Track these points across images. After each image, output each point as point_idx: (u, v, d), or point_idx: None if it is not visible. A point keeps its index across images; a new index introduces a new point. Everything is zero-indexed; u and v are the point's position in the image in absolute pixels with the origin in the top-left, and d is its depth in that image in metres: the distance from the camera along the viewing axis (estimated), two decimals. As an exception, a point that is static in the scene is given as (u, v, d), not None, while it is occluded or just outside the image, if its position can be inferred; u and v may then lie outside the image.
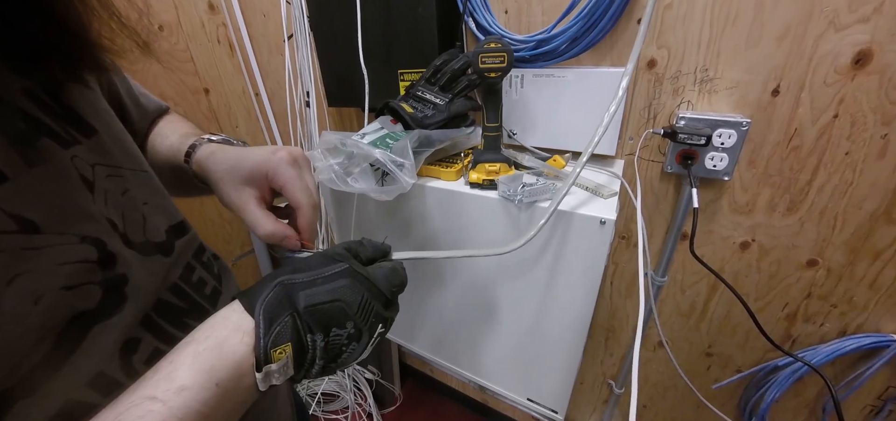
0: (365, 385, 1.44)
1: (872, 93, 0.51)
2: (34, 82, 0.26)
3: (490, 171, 0.58)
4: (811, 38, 0.51)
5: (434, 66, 0.62)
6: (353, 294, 0.29)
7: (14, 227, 0.21)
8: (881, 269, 0.60)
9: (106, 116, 0.31)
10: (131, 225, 0.30)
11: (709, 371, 0.85)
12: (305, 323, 0.27)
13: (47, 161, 0.24)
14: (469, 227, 0.62)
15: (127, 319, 0.27)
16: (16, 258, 0.21)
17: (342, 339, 0.29)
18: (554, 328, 0.66)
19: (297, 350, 0.27)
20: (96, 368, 0.25)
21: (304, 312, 0.27)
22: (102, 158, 0.29)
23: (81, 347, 0.24)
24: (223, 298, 0.39)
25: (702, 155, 0.61)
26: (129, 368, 0.27)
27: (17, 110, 0.24)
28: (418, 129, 0.59)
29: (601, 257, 0.53)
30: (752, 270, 0.70)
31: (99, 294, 0.25)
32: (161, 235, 0.33)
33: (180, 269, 0.34)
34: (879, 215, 0.57)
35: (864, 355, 0.67)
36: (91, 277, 0.25)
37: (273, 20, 0.97)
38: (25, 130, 0.24)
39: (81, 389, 0.24)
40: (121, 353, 0.27)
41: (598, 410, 1.13)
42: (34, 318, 0.21)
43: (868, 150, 0.54)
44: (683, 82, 0.60)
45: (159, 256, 0.32)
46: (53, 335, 0.22)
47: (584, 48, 0.61)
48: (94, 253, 0.25)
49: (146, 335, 0.29)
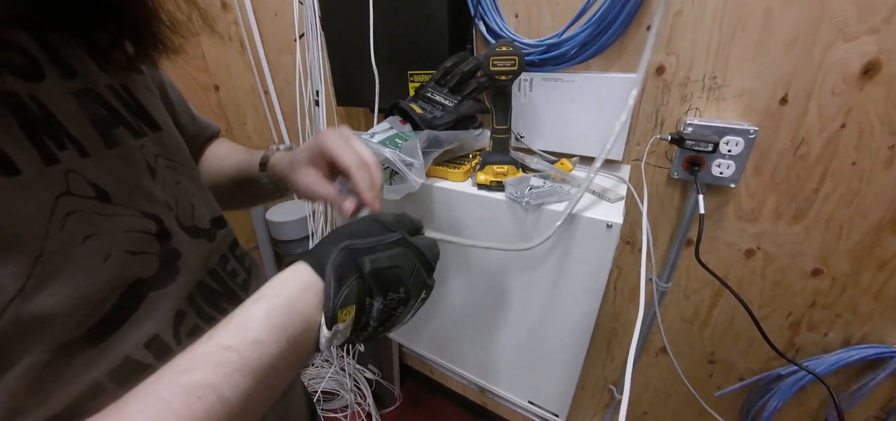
0: (365, 385, 1.44)
1: (880, 103, 0.52)
2: (115, 80, 0.31)
3: (498, 173, 0.58)
4: (820, 46, 0.52)
5: (444, 68, 0.63)
6: (408, 261, 0.32)
7: (92, 193, 0.25)
8: (886, 279, 0.60)
9: (167, 119, 0.36)
10: (183, 210, 0.34)
11: (711, 378, 0.85)
12: (367, 286, 0.29)
13: (121, 145, 0.29)
14: (476, 227, 0.63)
15: (179, 290, 0.30)
16: (91, 220, 0.25)
17: (394, 303, 0.31)
18: (557, 331, 0.66)
19: (358, 312, 0.29)
20: (152, 332, 0.28)
21: (369, 276, 0.29)
22: (163, 151, 0.33)
23: (140, 310, 0.27)
24: (252, 287, 0.41)
25: (709, 162, 0.61)
26: (178, 336, 0.30)
27: (102, 101, 0.29)
28: (427, 129, 0.59)
29: (607, 261, 0.54)
30: (757, 278, 0.70)
31: (156, 264, 0.28)
32: (206, 223, 0.36)
33: (218, 257, 0.37)
34: (885, 225, 0.57)
35: (867, 366, 0.67)
36: (150, 247, 0.28)
37: (284, 19, 0.98)
38: (107, 118, 0.29)
39: (139, 350, 0.26)
40: (173, 321, 0.29)
41: (598, 415, 1.12)
42: (103, 274, 0.24)
43: (875, 160, 0.54)
44: (691, 89, 0.61)
45: (204, 240, 0.35)
46: (117, 294, 0.25)
47: (594, 53, 0.62)
48: (153, 226, 0.29)
49: (190, 310, 0.31)
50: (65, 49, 0.27)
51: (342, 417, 1.41)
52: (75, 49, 0.28)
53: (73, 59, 0.27)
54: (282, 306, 0.26)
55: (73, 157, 0.25)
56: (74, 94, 0.27)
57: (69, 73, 0.27)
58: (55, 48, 0.26)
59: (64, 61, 0.26)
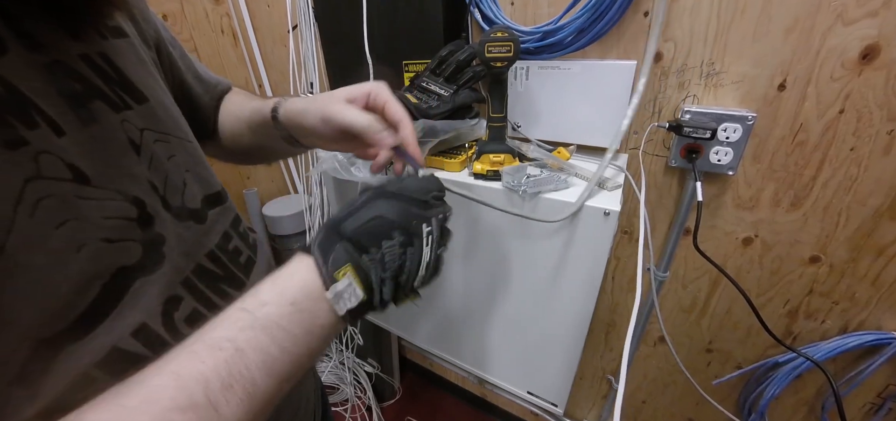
0: (365, 378, 1.44)
1: (879, 88, 0.51)
2: (91, 48, 0.28)
3: (494, 162, 0.57)
4: (819, 31, 0.51)
5: (439, 56, 0.62)
6: (389, 206, 0.31)
7: (69, 175, 0.24)
8: (884, 266, 0.60)
9: (156, 87, 0.34)
10: (171, 189, 0.32)
11: (709, 367, 0.85)
12: (356, 246, 0.29)
13: (99, 121, 0.27)
14: (473, 217, 0.62)
15: (167, 276, 0.29)
16: (68, 204, 0.23)
17: (394, 249, 0.30)
18: (555, 320, 0.66)
19: (361, 274, 0.29)
20: (140, 320, 0.27)
21: (352, 236, 0.29)
22: (151, 124, 0.31)
23: (126, 298, 0.26)
24: (257, 267, 0.41)
25: (707, 149, 0.61)
26: (170, 324, 0.29)
27: (74, 72, 0.26)
28: (423, 119, 0.59)
29: (604, 249, 0.53)
30: (755, 266, 0.70)
31: (139, 250, 0.27)
32: (196, 203, 0.35)
33: (217, 236, 0.36)
34: (883, 212, 0.57)
35: (865, 353, 0.67)
36: (131, 234, 0.27)
37: (277, 10, 0.97)
38: (81, 92, 0.26)
39: (127, 339, 0.26)
40: (163, 308, 0.29)
41: (597, 405, 1.13)
42: (77, 264, 0.23)
43: (873, 146, 0.54)
44: (689, 76, 0.60)
45: (191, 222, 0.33)
46: (100, 284, 0.24)
47: (591, 40, 0.61)
48: (133, 211, 0.27)
49: (187, 295, 0.31)
50: (29, 20, 0.25)
51: (342, 410, 1.41)
52: (43, 20, 0.26)
53: (40, 31, 0.25)
54: (282, 277, 0.28)
55: (45, 137, 0.23)
56: (43, 67, 0.24)
57: (35, 45, 0.24)
58: (18, 19, 0.24)
59: (28, 33, 0.24)
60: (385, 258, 0.30)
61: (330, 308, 0.28)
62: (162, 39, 0.40)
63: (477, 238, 0.64)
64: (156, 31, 0.39)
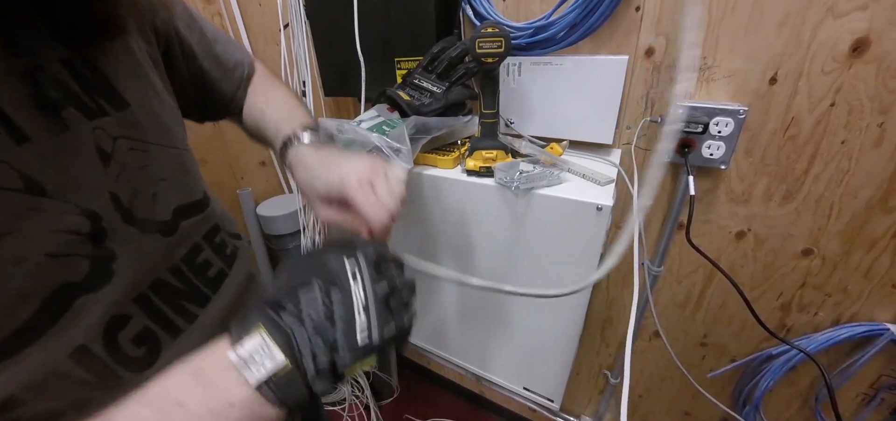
0: (362, 377, 1.44)
1: (870, 81, 0.51)
2: (74, 53, 0.27)
3: (487, 159, 0.57)
4: (810, 25, 0.51)
5: (431, 53, 0.62)
6: (302, 260, 0.28)
7: (20, 185, 0.22)
8: (876, 258, 0.61)
9: (146, 90, 0.32)
10: (140, 200, 0.30)
11: (704, 361, 0.86)
12: (273, 307, 0.25)
13: (72, 128, 0.26)
14: (466, 214, 0.62)
15: (115, 294, 0.27)
16: (12, 216, 0.22)
17: (315, 295, 0.25)
18: (550, 316, 0.66)
19: (278, 334, 0.24)
20: (78, 341, 0.25)
21: (268, 300, 0.26)
22: (128, 132, 0.30)
23: (65, 317, 0.24)
24: (229, 280, 0.39)
25: (699, 143, 0.61)
26: (112, 344, 0.27)
27: (53, 78, 0.25)
28: (415, 116, 0.58)
29: (597, 244, 0.53)
30: (748, 260, 0.70)
31: (86, 266, 0.26)
32: (167, 214, 0.33)
33: (185, 250, 0.34)
34: (875, 204, 0.57)
35: (857, 344, 0.67)
36: (78, 250, 0.25)
37: (269, 9, 0.96)
38: (56, 99, 0.25)
39: (63, 360, 0.25)
40: (105, 328, 0.27)
41: (594, 400, 1.13)
42: (13, 280, 0.22)
43: (864, 139, 0.54)
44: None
45: (158, 234, 0.32)
46: (37, 301, 0.23)
47: (583, 35, 0.61)
48: (86, 225, 0.26)
49: (138, 312, 0.29)
50: (13, 23, 0.24)
51: (340, 409, 1.41)
52: (29, 23, 0.25)
53: (23, 33, 0.24)
54: (193, 362, 0.24)
55: (2, 145, 0.22)
56: (20, 73, 0.24)
57: (15, 49, 0.24)
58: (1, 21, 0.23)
59: (10, 36, 0.24)
60: (303, 310, 0.25)
61: (240, 378, 0.22)
62: (175, 27, 0.38)
63: (469, 234, 0.64)
64: (168, 16, 0.37)
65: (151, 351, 0.31)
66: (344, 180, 0.34)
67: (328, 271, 0.26)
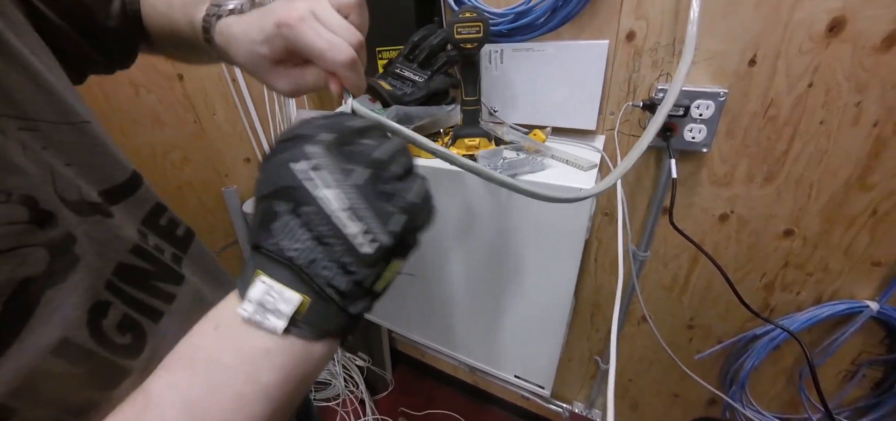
0: (356, 372, 1.44)
1: (846, 61, 0.52)
2: None
3: (469, 147, 0.57)
4: (787, 4, 0.51)
5: (412, 42, 0.61)
6: (260, 182, 0.24)
7: None
8: (855, 235, 0.62)
9: (19, 58, 0.26)
10: (63, 183, 0.26)
11: (691, 343, 0.87)
12: (263, 248, 0.22)
13: None
14: (450, 203, 0.62)
15: (86, 281, 0.25)
16: None
17: (292, 224, 0.22)
18: (537, 303, 0.66)
19: (286, 276, 0.22)
20: (59, 335, 0.23)
21: (255, 241, 0.23)
22: (7, 109, 0.25)
23: (36, 314, 0.23)
24: (186, 261, 0.36)
25: (681, 127, 0.61)
26: (99, 333, 0.26)
27: None
28: (397, 106, 0.58)
29: (581, 230, 0.54)
30: (732, 242, 0.71)
31: (45, 256, 0.23)
32: (94, 198, 0.29)
33: (133, 231, 0.31)
34: (853, 182, 0.58)
35: (838, 322, 0.68)
36: (27, 239, 0.23)
37: (249, 1, 0.94)
38: None
39: (46, 358, 0.23)
40: (89, 317, 0.25)
41: (586, 386, 1.14)
42: None
43: (842, 118, 0.55)
44: (662, 54, 0.60)
45: (98, 216, 0.28)
46: (0, 303, 0.21)
47: (563, 20, 0.61)
48: (23, 213, 0.23)
49: (114, 299, 0.27)
50: None
51: (335, 405, 1.41)
52: None
53: None
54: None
55: None
56: None
57: None
58: None
59: None
60: (282, 240, 0.22)
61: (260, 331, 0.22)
62: None
63: (453, 222, 0.64)
64: None
65: (137, 336, 0.29)
66: (281, 21, 0.28)
67: (286, 188, 0.22)
